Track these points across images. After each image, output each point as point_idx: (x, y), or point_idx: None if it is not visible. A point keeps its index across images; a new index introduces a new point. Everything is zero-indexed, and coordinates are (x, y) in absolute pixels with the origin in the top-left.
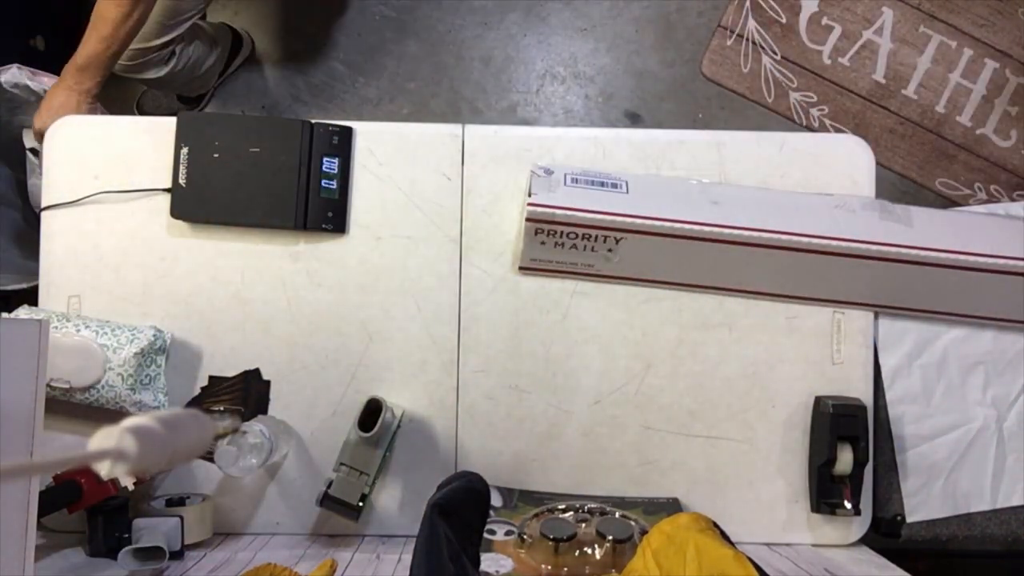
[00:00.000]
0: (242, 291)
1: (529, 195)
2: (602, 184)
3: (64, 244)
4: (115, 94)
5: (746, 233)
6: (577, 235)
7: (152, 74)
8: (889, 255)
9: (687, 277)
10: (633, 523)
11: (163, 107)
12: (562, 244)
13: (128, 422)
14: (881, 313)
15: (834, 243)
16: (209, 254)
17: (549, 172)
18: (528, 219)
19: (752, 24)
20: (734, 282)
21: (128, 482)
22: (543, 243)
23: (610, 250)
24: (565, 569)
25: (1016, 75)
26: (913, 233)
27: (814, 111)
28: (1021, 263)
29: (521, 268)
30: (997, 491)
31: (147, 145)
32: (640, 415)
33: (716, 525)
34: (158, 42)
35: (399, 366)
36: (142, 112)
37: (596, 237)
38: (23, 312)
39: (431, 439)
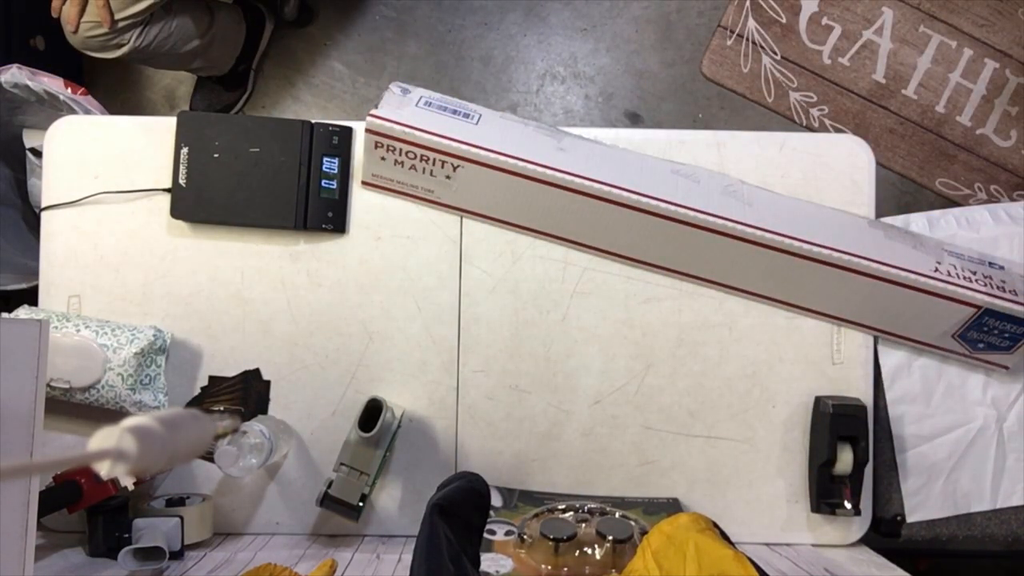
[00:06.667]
0: (242, 291)
1: (375, 107)
2: (454, 112)
3: (64, 244)
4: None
5: (587, 183)
6: (416, 155)
7: (111, 53)
8: (737, 233)
9: (529, 221)
10: (633, 523)
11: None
12: (402, 163)
13: (128, 422)
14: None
15: (663, 206)
16: (209, 254)
17: (406, 91)
18: (367, 130)
19: (752, 24)
20: (579, 235)
21: (128, 482)
22: (383, 159)
23: (448, 177)
24: (565, 569)
25: (1016, 75)
26: (753, 212)
27: (814, 111)
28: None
29: (363, 183)
30: (997, 491)
31: (147, 145)
32: (640, 415)
33: (716, 525)
34: (128, 12)
35: (399, 366)
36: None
37: (434, 160)
38: (23, 312)
39: (431, 439)
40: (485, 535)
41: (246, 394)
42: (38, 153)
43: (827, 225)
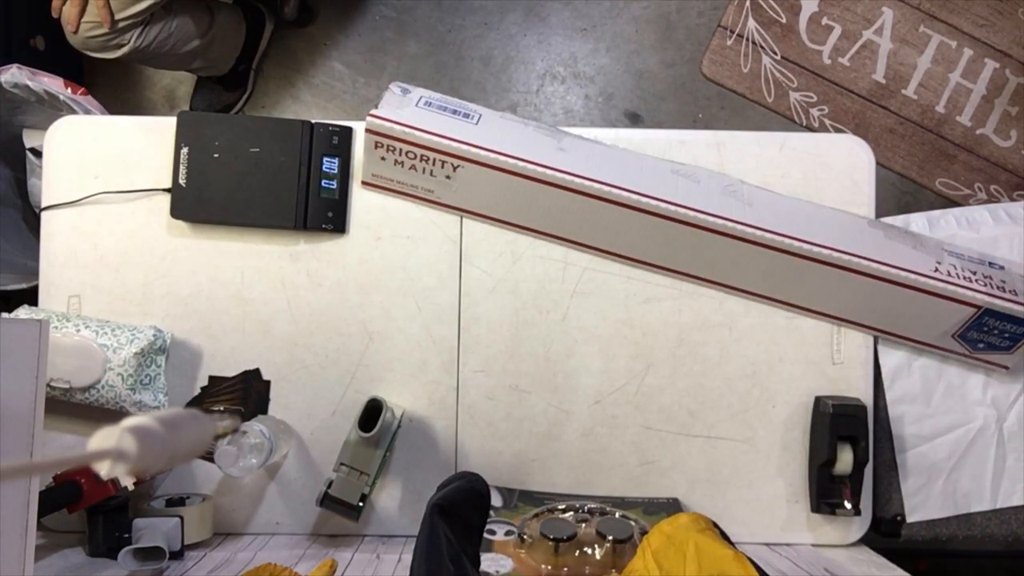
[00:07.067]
0: (242, 291)
1: (375, 107)
2: (454, 112)
3: (64, 244)
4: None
5: (587, 183)
6: (416, 155)
7: (111, 54)
8: (737, 233)
9: (529, 221)
10: (633, 523)
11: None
12: (402, 163)
13: (128, 422)
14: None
15: (663, 206)
16: (209, 254)
17: (406, 91)
18: (367, 130)
19: (752, 24)
20: (579, 235)
21: (128, 482)
22: (383, 159)
23: (448, 177)
24: (565, 569)
25: (1016, 75)
26: (753, 212)
27: (814, 111)
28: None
29: (363, 183)
30: (997, 491)
31: (147, 145)
32: (640, 415)
33: (716, 525)
34: (129, 12)
35: (399, 366)
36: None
37: (434, 160)
38: (23, 312)
39: (431, 439)
40: (485, 535)
41: (246, 394)
42: (38, 153)
43: (827, 225)
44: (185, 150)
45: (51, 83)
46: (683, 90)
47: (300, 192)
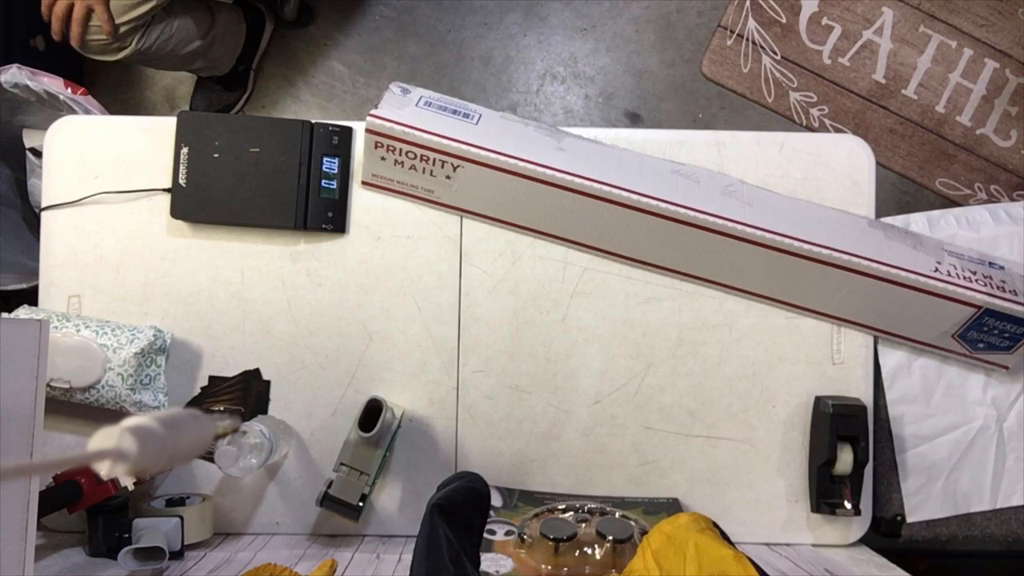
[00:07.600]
0: (242, 291)
1: (375, 107)
2: (454, 112)
3: (64, 244)
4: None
5: (587, 183)
6: (416, 155)
7: (111, 56)
8: (737, 233)
9: (529, 221)
10: (633, 523)
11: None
12: (402, 163)
13: (128, 422)
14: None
15: (663, 206)
16: (209, 254)
17: (407, 92)
18: (367, 130)
19: (752, 24)
20: (579, 235)
21: (128, 482)
22: (383, 159)
23: (448, 177)
24: (565, 569)
25: (1016, 75)
26: (753, 212)
27: (814, 111)
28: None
29: (363, 183)
30: (997, 491)
31: (147, 145)
32: (640, 415)
33: (716, 525)
34: (130, 16)
35: (399, 366)
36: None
37: (434, 160)
38: (23, 312)
39: (431, 439)
40: (485, 535)
41: (246, 394)
42: (38, 153)
43: (827, 225)
44: (185, 150)
45: (51, 83)
46: (683, 90)
47: (300, 192)
